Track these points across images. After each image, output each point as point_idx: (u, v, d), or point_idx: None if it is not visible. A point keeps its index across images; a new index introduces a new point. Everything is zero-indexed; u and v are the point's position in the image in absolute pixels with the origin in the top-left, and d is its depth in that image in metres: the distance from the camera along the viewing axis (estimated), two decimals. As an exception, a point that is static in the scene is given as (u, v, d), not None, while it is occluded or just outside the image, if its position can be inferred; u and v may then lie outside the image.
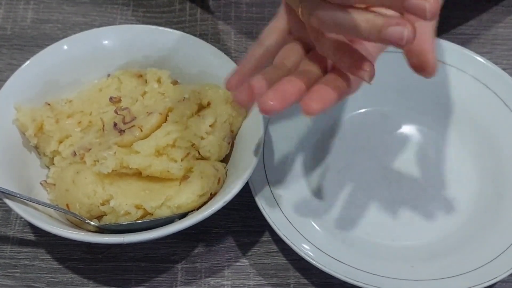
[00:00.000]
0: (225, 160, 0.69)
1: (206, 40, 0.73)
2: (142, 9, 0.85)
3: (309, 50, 0.59)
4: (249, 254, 0.69)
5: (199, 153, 0.67)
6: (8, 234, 0.69)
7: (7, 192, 0.63)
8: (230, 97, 0.69)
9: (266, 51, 0.58)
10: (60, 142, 0.68)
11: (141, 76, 0.72)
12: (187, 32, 0.74)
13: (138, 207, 0.64)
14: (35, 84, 0.70)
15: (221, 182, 0.66)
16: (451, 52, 0.76)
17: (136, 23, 0.83)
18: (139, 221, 0.64)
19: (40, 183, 0.68)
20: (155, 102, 0.70)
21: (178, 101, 0.69)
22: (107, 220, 0.64)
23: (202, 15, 0.84)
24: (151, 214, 0.64)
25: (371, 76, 0.53)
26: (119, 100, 0.70)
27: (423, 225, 0.70)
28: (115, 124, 0.67)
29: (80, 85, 0.73)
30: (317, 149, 0.74)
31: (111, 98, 0.70)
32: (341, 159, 0.73)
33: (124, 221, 0.64)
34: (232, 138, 0.69)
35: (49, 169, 0.69)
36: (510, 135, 0.73)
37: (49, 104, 0.70)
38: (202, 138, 0.67)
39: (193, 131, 0.67)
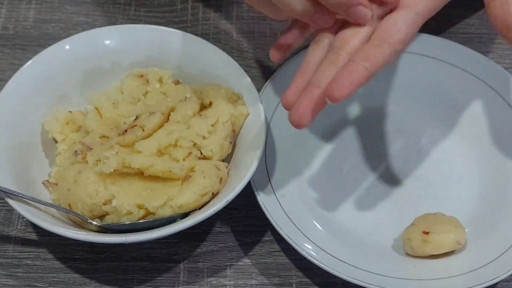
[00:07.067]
0: (227, 159, 0.69)
1: (207, 39, 0.73)
2: (144, 9, 0.85)
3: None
4: (251, 253, 0.69)
5: (201, 153, 0.67)
6: (10, 233, 0.69)
7: (9, 191, 0.63)
8: (232, 96, 0.69)
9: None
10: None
11: (142, 75, 0.72)
12: (188, 32, 0.74)
13: (140, 206, 0.64)
14: (37, 84, 0.70)
15: (223, 182, 0.66)
16: (453, 52, 0.76)
17: (138, 23, 0.83)
18: (141, 221, 0.64)
19: (42, 183, 0.68)
20: (157, 101, 0.70)
21: (180, 100, 0.69)
22: (109, 220, 0.64)
23: (204, 14, 0.84)
24: (153, 213, 0.64)
25: None
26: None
27: (425, 225, 0.70)
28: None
29: (82, 85, 0.73)
30: (319, 148, 0.74)
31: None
32: (343, 158, 0.73)
33: (126, 220, 0.64)
34: (234, 138, 0.69)
35: (51, 168, 0.69)
36: (513, 134, 0.73)
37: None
38: (204, 137, 0.67)
39: (195, 130, 0.67)
